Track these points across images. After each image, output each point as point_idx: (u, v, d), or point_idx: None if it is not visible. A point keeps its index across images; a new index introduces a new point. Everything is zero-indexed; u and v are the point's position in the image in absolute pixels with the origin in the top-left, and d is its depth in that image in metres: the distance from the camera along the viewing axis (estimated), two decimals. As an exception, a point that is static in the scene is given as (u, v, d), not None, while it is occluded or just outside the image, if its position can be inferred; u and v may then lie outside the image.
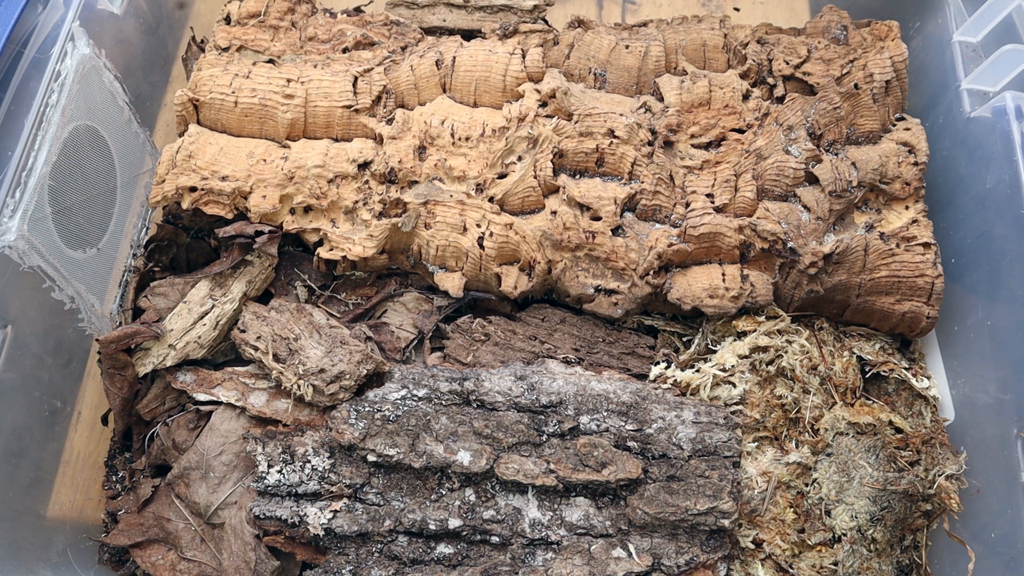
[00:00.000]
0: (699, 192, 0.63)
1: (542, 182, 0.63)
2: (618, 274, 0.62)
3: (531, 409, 0.57)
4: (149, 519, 0.61)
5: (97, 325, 0.64)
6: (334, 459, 0.57)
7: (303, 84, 0.65)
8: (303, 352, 0.59)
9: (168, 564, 0.60)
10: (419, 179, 0.64)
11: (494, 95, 0.66)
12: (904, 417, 0.62)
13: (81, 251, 0.63)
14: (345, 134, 0.67)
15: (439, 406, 0.57)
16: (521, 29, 0.70)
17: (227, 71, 0.66)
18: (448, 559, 0.55)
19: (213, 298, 0.64)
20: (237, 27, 0.70)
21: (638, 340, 0.64)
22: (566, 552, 0.54)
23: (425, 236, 0.63)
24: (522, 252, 0.62)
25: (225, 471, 0.60)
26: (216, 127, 0.67)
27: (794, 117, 0.64)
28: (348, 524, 0.55)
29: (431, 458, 0.55)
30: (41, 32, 0.59)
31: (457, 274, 0.63)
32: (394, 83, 0.67)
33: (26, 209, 0.55)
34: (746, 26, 0.71)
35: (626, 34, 0.70)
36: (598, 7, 0.89)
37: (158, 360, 0.62)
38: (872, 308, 0.63)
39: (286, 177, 0.63)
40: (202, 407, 0.63)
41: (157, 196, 0.64)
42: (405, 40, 0.71)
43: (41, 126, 0.57)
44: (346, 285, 0.67)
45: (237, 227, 0.64)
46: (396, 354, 0.63)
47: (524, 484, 0.55)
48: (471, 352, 0.62)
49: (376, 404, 0.57)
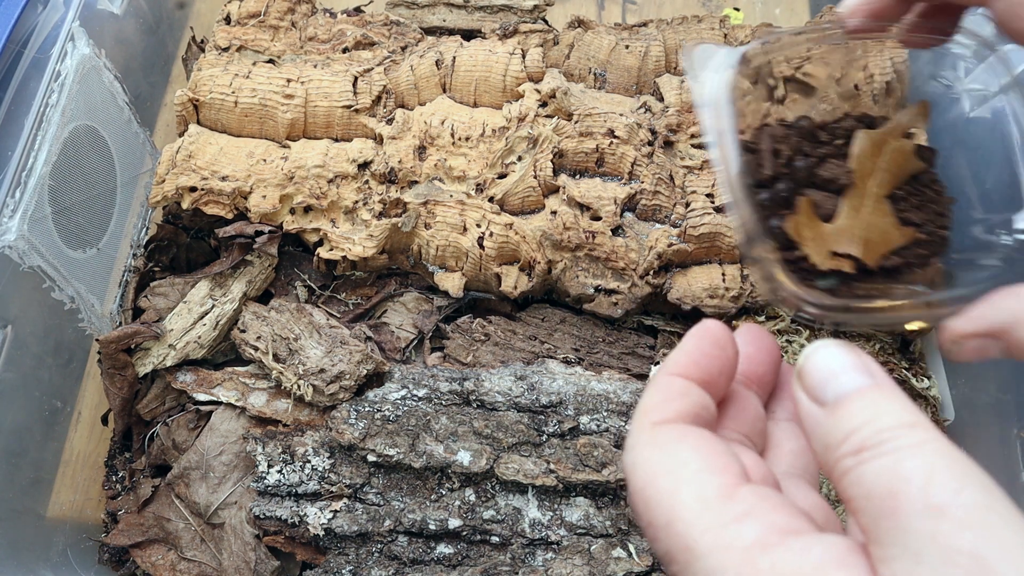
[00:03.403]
0: (699, 192, 0.63)
1: (542, 182, 0.63)
2: (618, 274, 0.62)
3: (531, 409, 0.57)
4: (149, 519, 0.61)
5: (97, 325, 0.64)
6: (334, 459, 0.57)
7: (303, 84, 0.65)
8: (303, 352, 0.59)
9: (168, 564, 0.60)
10: (419, 179, 0.64)
11: (494, 95, 0.66)
12: (904, 417, 0.62)
13: (81, 251, 0.63)
14: (345, 134, 0.67)
15: (439, 406, 0.57)
16: (521, 29, 0.70)
17: (227, 71, 0.66)
18: (448, 559, 0.55)
19: (213, 298, 0.64)
20: (237, 27, 0.70)
21: (638, 340, 0.64)
22: (566, 552, 0.54)
23: (425, 236, 0.63)
24: (522, 252, 0.62)
25: (225, 471, 0.60)
26: (216, 127, 0.67)
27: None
28: (348, 524, 0.55)
29: (431, 458, 0.55)
30: (41, 32, 0.59)
31: (457, 274, 0.63)
32: (394, 83, 0.67)
33: (26, 209, 0.55)
34: (746, 26, 0.71)
35: (626, 34, 0.70)
36: (598, 7, 0.89)
37: (158, 360, 0.62)
38: (872, 308, 0.63)
39: (286, 177, 0.63)
40: (202, 407, 0.63)
41: (157, 196, 0.64)
42: (405, 40, 0.71)
43: (41, 126, 0.57)
44: (346, 285, 0.67)
45: (237, 227, 0.64)
46: (396, 354, 0.63)
47: (524, 484, 0.55)
48: (471, 352, 0.62)
49: (376, 404, 0.57)
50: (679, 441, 0.30)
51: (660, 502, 0.29)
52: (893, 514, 0.26)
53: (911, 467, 0.26)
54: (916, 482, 0.26)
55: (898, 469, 0.26)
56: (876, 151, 0.48)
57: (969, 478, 0.26)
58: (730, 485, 0.29)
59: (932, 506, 0.25)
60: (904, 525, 0.25)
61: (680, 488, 0.29)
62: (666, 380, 0.33)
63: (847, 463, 0.28)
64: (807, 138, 0.49)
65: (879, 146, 0.48)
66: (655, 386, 0.32)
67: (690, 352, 0.33)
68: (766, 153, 0.49)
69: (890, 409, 0.28)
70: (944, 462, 0.26)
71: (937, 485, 0.25)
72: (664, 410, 0.32)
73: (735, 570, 0.26)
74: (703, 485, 0.29)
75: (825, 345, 0.31)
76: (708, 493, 0.28)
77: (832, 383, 0.30)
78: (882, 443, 0.27)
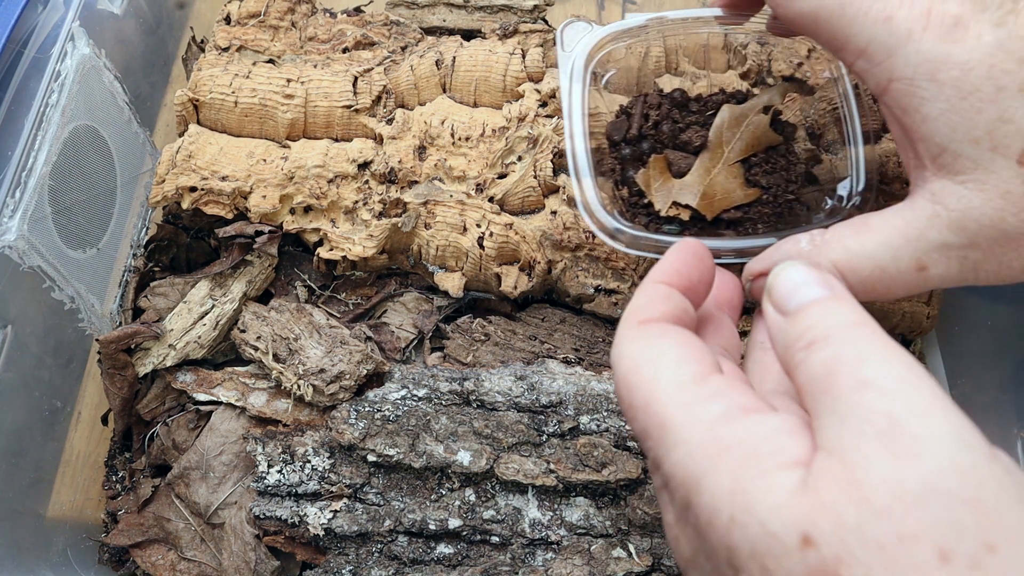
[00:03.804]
0: (699, 192, 0.63)
1: (542, 182, 0.63)
2: (618, 274, 0.62)
3: (531, 409, 0.57)
4: (149, 519, 0.61)
5: (97, 325, 0.64)
6: (334, 459, 0.57)
7: (303, 84, 0.65)
8: (303, 352, 0.59)
9: (168, 564, 0.60)
10: (419, 179, 0.64)
11: (494, 95, 0.66)
12: (904, 417, 0.62)
13: (81, 251, 0.63)
14: (345, 134, 0.67)
15: (439, 406, 0.57)
16: (521, 29, 0.70)
17: (227, 71, 0.66)
18: (448, 559, 0.55)
19: (213, 298, 0.64)
20: (237, 27, 0.70)
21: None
22: (566, 552, 0.54)
23: (425, 236, 0.63)
24: (522, 252, 0.62)
25: (225, 471, 0.60)
26: (216, 127, 0.67)
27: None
28: (348, 524, 0.55)
29: (431, 458, 0.55)
30: (41, 32, 0.59)
31: (457, 274, 0.63)
32: (394, 83, 0.67)
33: (26, 209, 0.55)
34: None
35: (626, 34, 0.70)
36: (598, 7, 0.89)
37: (158, 360, 0.62)
38: (872, 308, 0.63)
39: (286, 177, 0.63)
40: (202, 407, 0.63)
41: (157, 196, 0.64)
42: (405, 40, 0.71)
43: (41, 126, 0.57)
44: (346, 285, 0.67)
45: (237, 227, 0.64)
46: (396, 354, 0.63)
47: (524, 484, 0.55)
48: (471, 352, 0.62)
49: (376, 404, 0.57)
50: (661, 336, 0.35)
51: (641, 386, 0.33)
52: (829, 390, 0.30)
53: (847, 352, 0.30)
54: (850, 363, 0.30)
55: (838, 354, 0.30)
56: (737, 123, 0.54)
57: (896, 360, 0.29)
58: (703, 373, 0.33)
59: (861, 380, 0.29)
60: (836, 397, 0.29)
61: (659, 373, 0.33)
62: (651, 286, 0.37)
63: (799, 357, 0.32)
64: (679, 107, 0.57)
65: (740, 119, 0.54)
66: (641, 291, 0.37)
67: (673, 262, 0.38)
68: (636, 116, 0.57)
69: (841, 312, 0.32)
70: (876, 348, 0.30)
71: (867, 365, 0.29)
72: (649, 311, 0.36)
73: (699, 439, 0.30)
74: (680, 371, 0.33)
75: (792, 264, 0.35)
76: (683, 378, 0.32)
77: (795, 295, 0.34)
78: (828, 337, 0.31)
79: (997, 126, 0.34)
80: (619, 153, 0.57)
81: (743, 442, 0.29)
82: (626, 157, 0.57)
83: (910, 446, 0.27)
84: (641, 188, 0.55)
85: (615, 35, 0.56)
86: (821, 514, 0.26)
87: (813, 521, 0.26)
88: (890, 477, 0.26)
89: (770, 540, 0.27)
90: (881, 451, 0.27)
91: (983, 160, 0.35)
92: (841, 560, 0.25)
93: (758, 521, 0.27)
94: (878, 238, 0.38)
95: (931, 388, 0.28)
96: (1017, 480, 0.27)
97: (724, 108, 0.55)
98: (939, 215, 0.36)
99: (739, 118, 0.54)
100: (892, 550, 0.25)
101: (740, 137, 0.54)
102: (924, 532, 0.25)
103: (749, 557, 0.28)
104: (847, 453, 0.28)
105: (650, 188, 0.55)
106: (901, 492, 0.26)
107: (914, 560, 0.25)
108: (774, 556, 0.27)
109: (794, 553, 0.26)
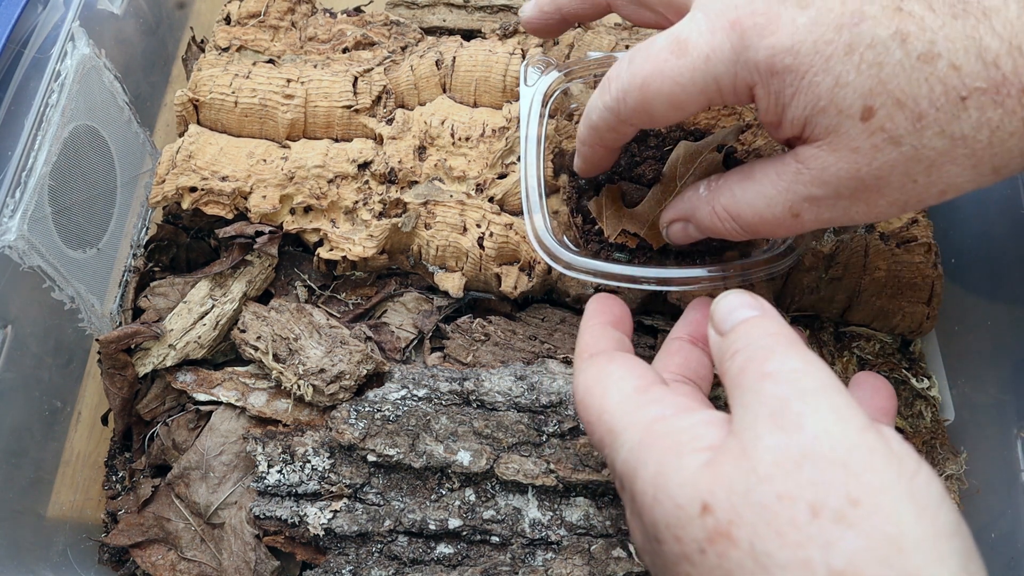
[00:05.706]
0: (699, 192, 0.63)
1: (542, 182, 0.63)
2: (618, 274, 0.62)
3: (531, 409, 0.57)
4: (149, 519, 0.61)
5: (97, 325, 0.64)
6: (334, 459, 0.57)
7: (303, 84, 0.65)
8: (303, 352, 0.59)
9: (168, 564, 0.60)
10: (419, 179, 0.64)
11: (494, 95, 0.66)
12: (904, 417, 0.62)
13: (81, 251, 0.63)
14: (345, 134, 0.67)
15: (439, 406, 0.57)
16: (521, 29, 0.70)
17: (227, 71, 0.66)
18: (448, 559, 0.55)
19: (213, 298, 0.64)
20: (237, 27, 0.70)
21: (638, 340, 0.64)
22: (566, 552, 0.54)
23: (425, 236, 0.63)
24: (522, 252, 0.62)
25: (225, 471, 0.60)
26: (216, 127, 0.67)
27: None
28: (348, 524, 0.55)
29: (431, 458, 0.55)
30: (41, 32, 0.59)
31: (457, 274, 0.63)
32: (394, 83, 0.67)
33: (26, 209, 0.55)
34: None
35: (626, 34, 0.70)
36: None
37: (158, 360, 0.62)
38: (872, 308, 0.63)
39: (286, 177, 0.63)
40: (202, 407, 0.63)
41: (157, 196, 0.64)
42: (405, 40, 0.71)
43: (41, 126, 0.57)
44: (346, 285, 0.67)
45: (237, 227, 0.64)
46: (396, 354, 0.63)
47: (524, 484, 0.55)
48: (471, 352, 0.62)
49: (376, 404, 0.57)
50: (609, 362, 0.42)
51: (593, 403, 0.40)
52: (740, 384, 0.34)
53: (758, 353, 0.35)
54: (757, 361, 0.34)
55: (751, 356, 0.35)
56: (692, 159, 0.56)
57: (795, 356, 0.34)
58: (644, 386, 0.39)
59: (763, 373, 0.34)
60: (745, 390, 0.34)
61: (607, 390, 0.39)
62: (592, 326, 0.46)
63: (727, 365, 0.36)
64: (637, 141, 0.59)
65: (695, 156, 0.56)
66: (585, 331, 0.46)
67: (599, 307, 0.48)
68: None
69: (763, 326, 0.37)
70: (781, 347, 0.35)
71: (772, 361, 0.34)
72: (595, 346, 0.44)
73: (638, 438, 0.35)
74: (624, 386, 0.39)
75: (731, 292, 0.40)
76: (627, 390, 0.39)
77: (729, 317, 0.38)
78: (748, 345, 0.36)
79: (835, 92, 0.37)
80: (576, 182, 0.61)
81: (669, 435, 0.35)
82: (583, 187, 0.60)
83: (793, 420, 0.31)
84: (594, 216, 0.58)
85: (575, 72, 0.59)
86: (718, 484, 0.31)
87: (711, 491, 0.31)
88: (774, 447, 0.30)
89: (678, 511, 0.32)
90: (770, 427, 0.31)
91: (832, 124, 0.38)
92: (732, 522, 0.30)
93: (669, 496, 0.32)
94: (756, 187, 0.42)
95: (821, 376, 0.33)
96: (892, 448, 0.30)
97: (680, 144, 0.57)
98: (802, 172, 0.40)
99: (694, 154, 0.57)
100: (773, 509, 0.29)
101: (693, 172, 0.56)
102: (799, 491, 0.29)
103: (665, 528, 0.32)
104: (744, 432, 0.32)
105: (601, 216, 0.58)
106: (782, 459, 0.30)
107: (790, 516, 0.29)
108: (682, 525, 0.31)
109: (696, 520, 0.31)
